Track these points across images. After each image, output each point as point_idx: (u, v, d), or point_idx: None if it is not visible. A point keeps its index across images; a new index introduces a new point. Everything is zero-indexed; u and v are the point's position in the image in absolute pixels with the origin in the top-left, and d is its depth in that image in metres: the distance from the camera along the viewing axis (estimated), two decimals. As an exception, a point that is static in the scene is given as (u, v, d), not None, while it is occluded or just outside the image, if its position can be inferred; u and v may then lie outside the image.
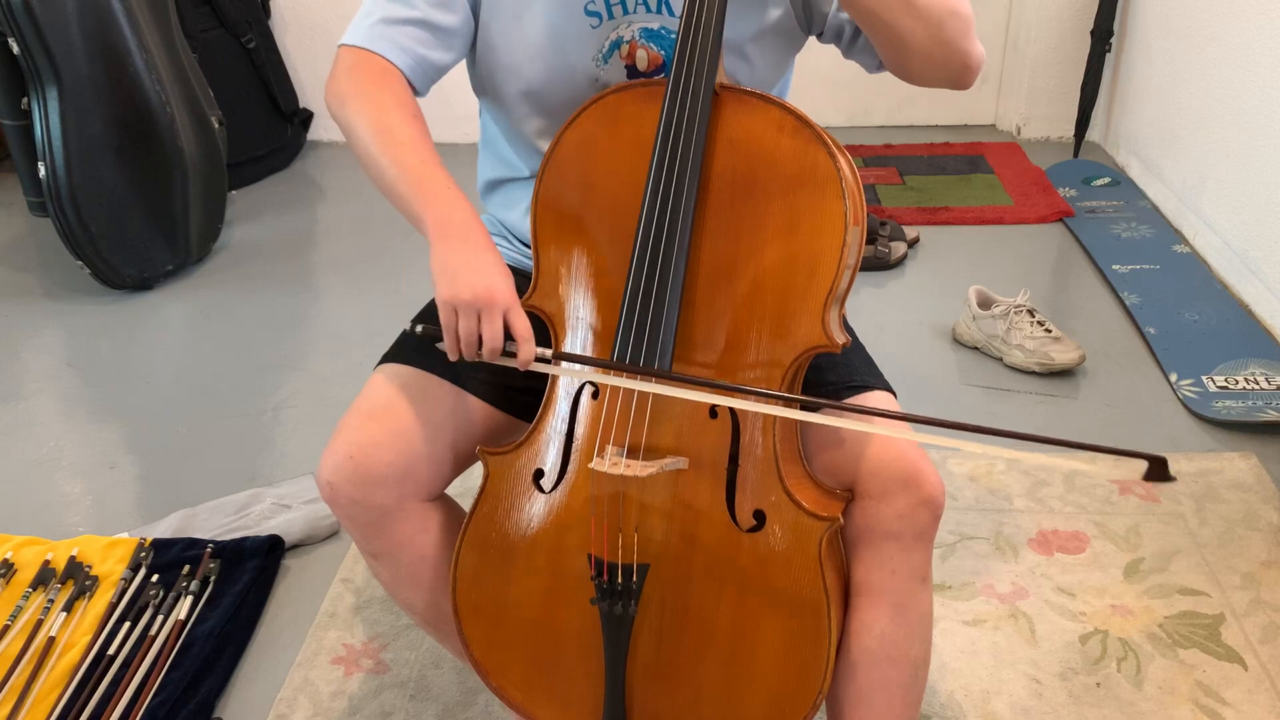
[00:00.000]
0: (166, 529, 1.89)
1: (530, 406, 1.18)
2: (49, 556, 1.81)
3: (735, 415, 1.09)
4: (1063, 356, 2.22)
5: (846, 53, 1.25)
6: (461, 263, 1.06)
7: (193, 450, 2.17)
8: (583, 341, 1.15)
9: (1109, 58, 3.22)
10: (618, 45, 1.21)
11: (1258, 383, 2.17)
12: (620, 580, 1.12)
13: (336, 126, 1.18)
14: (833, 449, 1.14)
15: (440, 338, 1.08)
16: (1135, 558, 1.77)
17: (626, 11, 1.20)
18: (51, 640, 1.65)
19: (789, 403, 1.08)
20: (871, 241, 2.72)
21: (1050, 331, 2.26)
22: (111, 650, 1.63)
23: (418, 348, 1.23)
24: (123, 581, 1.75)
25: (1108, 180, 3.13)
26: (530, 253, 1.18)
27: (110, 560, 1.80)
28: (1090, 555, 1.78)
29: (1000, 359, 2.31)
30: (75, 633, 1.68)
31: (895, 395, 1.23)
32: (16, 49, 2.50)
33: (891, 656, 1.16)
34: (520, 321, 1.07)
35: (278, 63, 3.49)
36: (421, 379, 1.21)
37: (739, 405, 1.07)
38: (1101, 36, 3.16)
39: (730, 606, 1.12)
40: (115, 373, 2.46)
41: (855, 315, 1.40)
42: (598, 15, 1.20)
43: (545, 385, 1.16)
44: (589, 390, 1.14)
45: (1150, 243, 2.76)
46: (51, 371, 2.49)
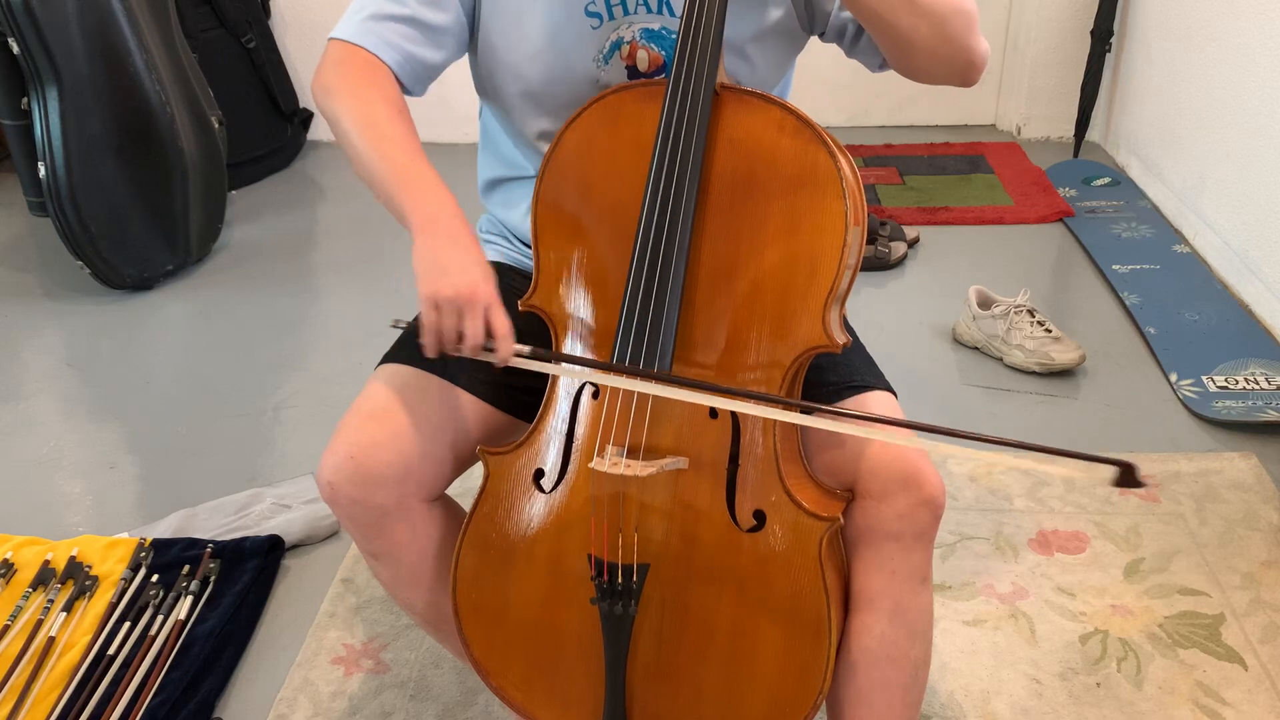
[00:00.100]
0: (166, 529, 1.89)
1: (531, 406, 1.18)
2: (49, 556, 1.81)
3: (735, 415, 1.09)
4: (1063, 356, 2.22)
5: (849, 52, 1.24)
6: (445, 259, 1.05)
7: (193, 450, 2.17)
8: (583, 341, 1.15)
9: (1109, 58, 3.22)
10: (618, 46, 1.21)
11: (1258, 383, 2.17)
12: (620, 580, 1.11)
13: (321, 115, 1.18)
14: (833, 449, 1.14)
15: (419, 333, 1.07)
16: (1135, 558, 1.77)
17: (627, 12, 1.20)
18: (51, 640, 1.65)
19: (788, 407, 1.08)
20: (871, 241, 2.72)
21: (1050, 331, 2.26)
22: (111, 650, 1.63)
23: (419, 347, 1.23)
24: (123, 581, 1.75)
25: (1108, 180, 3.13)
26: (530, 253, 1.18)
27: (110, 560, 1.80)
28: (1090, 555, 1.78)
29: (1000, 359, 2.31)
30: (75, 633, 1.68)
31: (895, 395, 1.23)
32: (16, 49, 2.50)
33: (892, 656, 1.16)
34: (500, 320, 1.05)
35: (278, 63, 3.49)
36: (422, 379, 1.21)
37: (739, 408, 1.07)
38: (1101, 36, 3.16)
39: (730, 607, 1.12)
40: (115, 373, 2.46)
41: (855, 315, 1.40)
42: (598, 16, 1.20)
43: (545, 385, 1.16)
44: (589, 390, 1.14)
45: (1150, 243, 2.76)
46: (51, 371, 2.49)
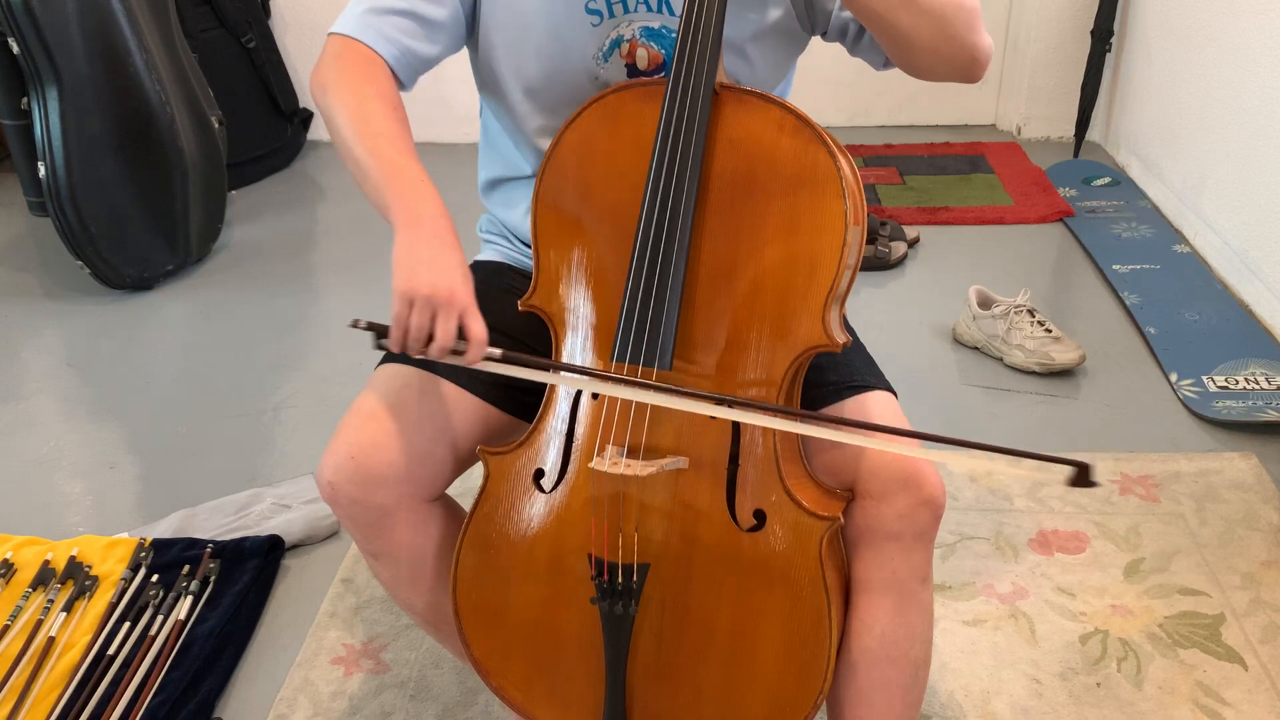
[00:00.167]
0: (166, 529, 1.89)
1: (531, 406, 1.17)
2: (49, 556, 1.81)
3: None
4: (1063, 356, 2.22)
5: (852, 50, 1.24)
6: (425, 257, 1.04)
7: (193, 450, 2.17)
8: (582, 341, 1.15)
9: (1109, 58, 3.22)
10: (618, 44, 1.21)
11: (1258, 383, 2.17)
12: (620, 580, 1.11)
13: (318, 110, 1.17)
14: (833, 449, 1.14)
15: (385, 333, 1.04)
16: (1135, 558, 1.77)
17: (627, 10, 1.20)
18: (51, 640, 1.65)
19: (789, 415, 1.08)
20: (871, 241, 2.72)
21: (1050, 331, 2.26)
22: (111, 650, 1.63)
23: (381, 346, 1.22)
24: (123, 581, 1.75)
25: (1108, 180, 3.13)
26: (530, 252, 1.18)
27: (110, 560, 1.80)
28: (1090, 555, 1.78)
29: (1000, 359, 2.31)
30: (75, 633, 1.68)
31: (896, 395, 1.23)
32: (16, 49, 2.49)
33: (892, 656, 1.16)
34: (476, 325, 1.04)
35: (278, 63, 3.48)
36: (422, 379, 1.21)
37: (735, 417, 1.06)
38: (1101, 36, 3.16)
39: (731, 606, 1.12)
40: (115, 373, 2.46)
41: (855, 315, 1.40)
42: (598, 13, 1.20)
43: (546, 385, 1.16)
44: (589, 390, 1.14)
45: (1150, 243, 2.76)
46: (51, 371, 2.49)
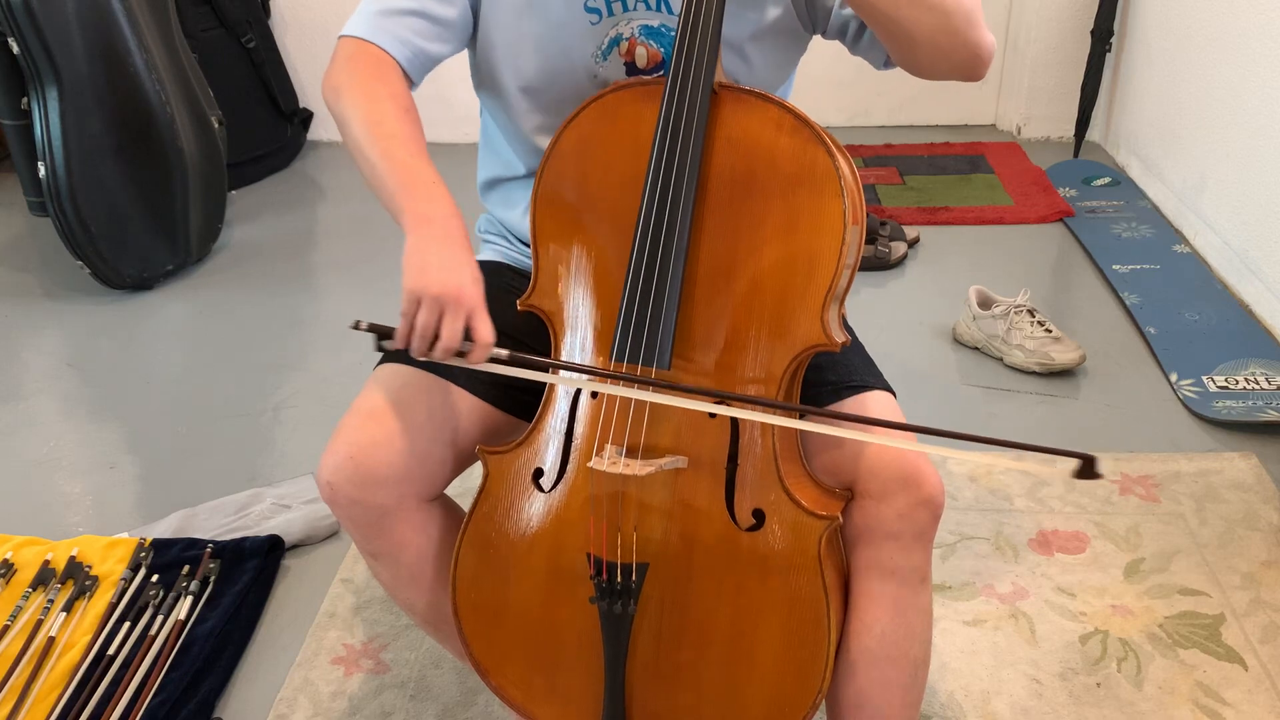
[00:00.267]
0: (166, 529, 1.89)
1: (530, 406, 1.18)
2: (49, 556, 1.81)
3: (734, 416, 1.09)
4: (1063, 356, 2.22)
5: (852, 49, 1.24)
6: (435, 256, 1.05)
7: (193, 450, 2.17)
8: (581, 340, 1.15)
9: (1109, 58, 3.22)
10: (617, 42, 1.21)
11: (1258, 383, 2.17)
12: (619, 579, 1.11)
13: (330, 113, 1.18)
14: (832, 448, 1.14)
15: (388, 334, 1.05)
16: (1135, 558, 1.77)
17: (626, 9, 1.20)
18: (51, 640, 1.65)
19: (785, 411, 1.08)
20: (871, 241, 2.71)
21: (1050, 331, 2.26)
22: (111, 650, 1.63)
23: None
24: (123, 581, 1.75)
25: (1108, 180, 3.13)
26: (529, 252, 1.18)
27: (110, 560, 1.80)
28: (1090, 555, 1.78)
29: (1000, 359, 2.30)
30: (75, 633, 1.68)
31: (895, 395, 1.23)
32: (16, 49, 2.50)
33: (891, 656, 1.16)
34: (484, 326, 1.04)
35: (278, 63, 3.48)
36: (421, 379, 1.21)
37: (736, 414, 1.07)
38: (1101, 36, 3.16)
39: (729, 605, 1.12)
40: (115, 373, 2.46)
41: (855, 315, 1.40)
42: (597, 12, 1.20)
43: (545, 385, 1.16)
44: (588, 390, 1.14)
45: (1150, 243, 2.76)
46: (51, 371, 2.49)
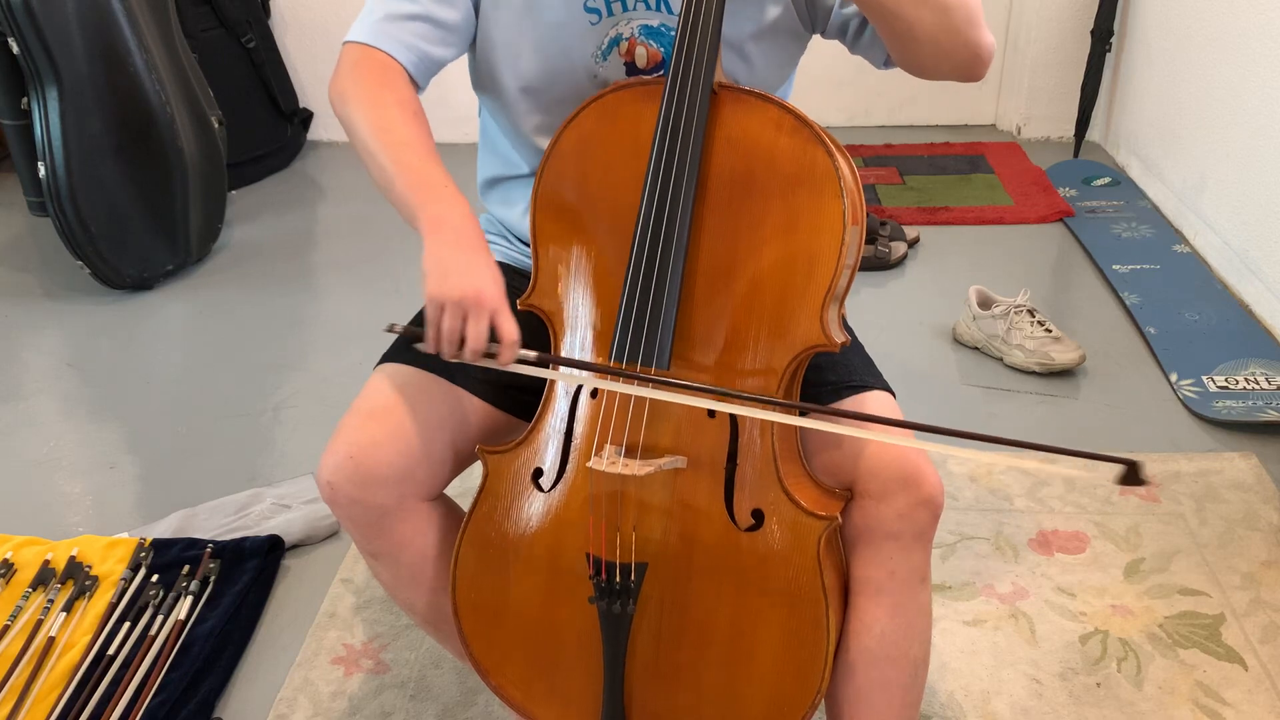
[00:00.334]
0: (166, 529, 1.89)
1: (530, 406, 1.18)
2: (49, 556, 1.81)
3: (734, 415, 1.09)
4: (1063, 356, 2.22)
5: (852, 48, 1.24)
6: (453, 261, 1.05)
7: (193, 450, 2.17)
8: (581, 340, 1.15)
9: (1109, 58, 3.22)
10: (617, 42, 1.21)
11: (1258, 383, 2.17)
12: (619, 579, 1.11)
13: (337, 126, 1.19)
14: (832, 448, 1.14)
15: (419, 338, 1.06)
16: (1135, 558, 1.77)
17: (626, 9, 1.20)
18: (51, 640, 1.65)
19: (787, 409, 1.08)
20: (871, 241, 2.71)
21: (1050, 331, 2.26)
22: (111, 650, 1.63)
23: (415, 351, 1.23)
24: (123, 581, 1.75)
25: (1108, 180, 3.13)
26: (529, 251, 1.18)
27: (110, 560, 1.80)
28: (1090, 555, 1.78)
29: (1000, 359, 2.30)
30: (75, 633, 1.68)
31: (894, 395, 1.23)
32: (16, 49, 2.50)
33: (891, 656, 1.16)
34: (508, 325, 1.05)
35: (278, 63, 3.49)
36: (421, 379, 1.21)
37: (738, 411, 1.07)
38: (1101, 36, 3.16)
39: (729, 606, 1.12)
40: (115, 373, 2.46)
41: (855, 315, 1.40)
42: (597, 12, 1.20)
43: (545, 385, 1.16)
44: (588, 390, 1.14)
45: (1150, 243, 2.76)
46: (51, 371, 2.49)
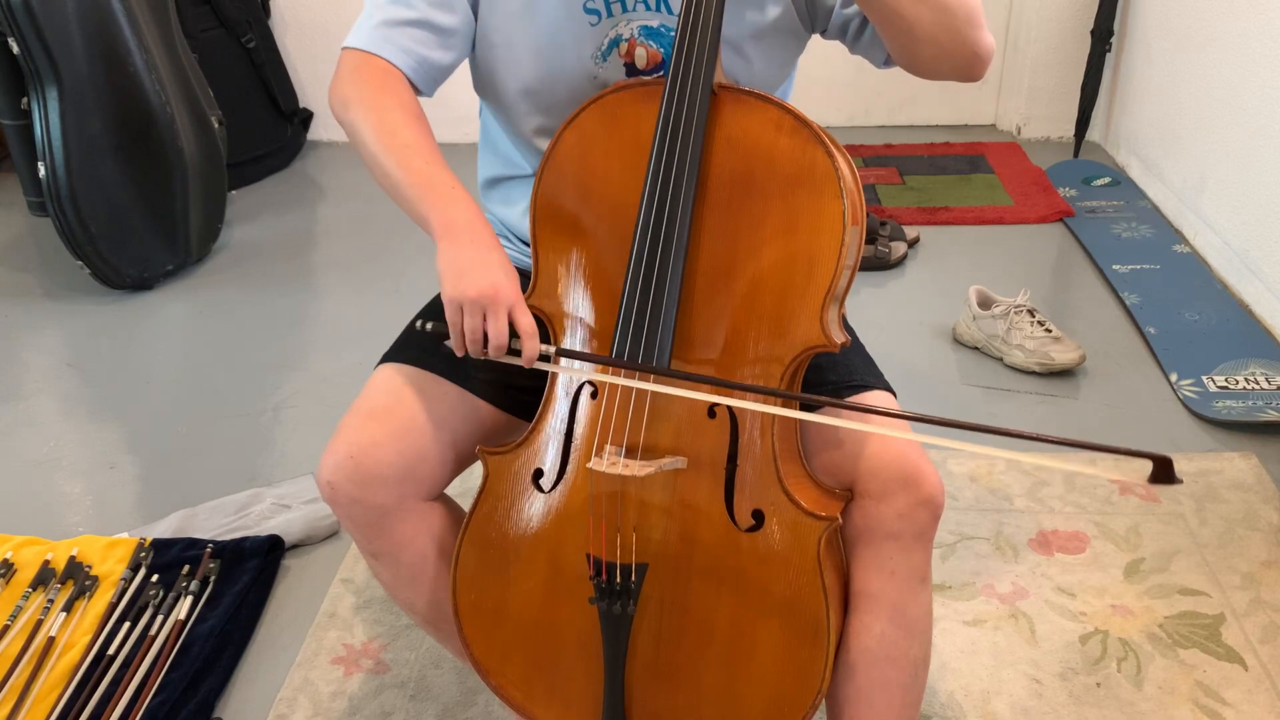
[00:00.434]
0: (166, 529, 1.89)
1: (530, 406, 1.18)
2: (49, 556, 1.81)
3: (734, 415, 1.09)
4: (1063, 356, 2.22)
5: (852, 48, 1.24)
6: (467, 261, 1.07)
7: (193, 450, 2.17)
8: (581, 340, 1.15)
9: (1109, 58, 3.22)
10: (616, 43, 1.21)
11: (1258, 383, 2.17)
12: (619, 580, 1.12)
13: (337, 126, 1.20)
14: (832, 449, 1.14)
15: (448, 335, 1.09)
16: (1135, 558, 1.77)
17: (626, 9, 1.20)
18: (51, 640, 1.65)
19: (789, 401, 1.08)
20: (871, 241, 2.72)
21: (1050, 331, 2.26)
22: (111, 650, 1.63)
23: (419, 346, 1.24)
24: (123, 581, 1.75)
25: (1108, 180, 3.13)
26: (530, 252, 1.18)
27: (110, 560, 1.81)
28: (1090, 555, 1.78)
29: (1000, 359, 2.31)
30: (75, 633, 1.68)
31: (895, 395, 1.23)
32: (16, 49, 2.50)
33: (891, 656, 1.16)
34: (525, 318, 1.07)
35: (278, 63, 3.49)
36: (422, 378, 1.21)
37: (740, 404, 1.07)
38: (1101, 36, 3.16)
39: (729, 606, 1.12)
40: (115, 373, 2.46)
41: (855, 315, 1.40)
42: (596, 13, 1.20)
43: (545, 384, 1.16)
44: (588, 390, 1.14)
45: (1150, 243, 2.76)
46: (51, 371, 2.49)
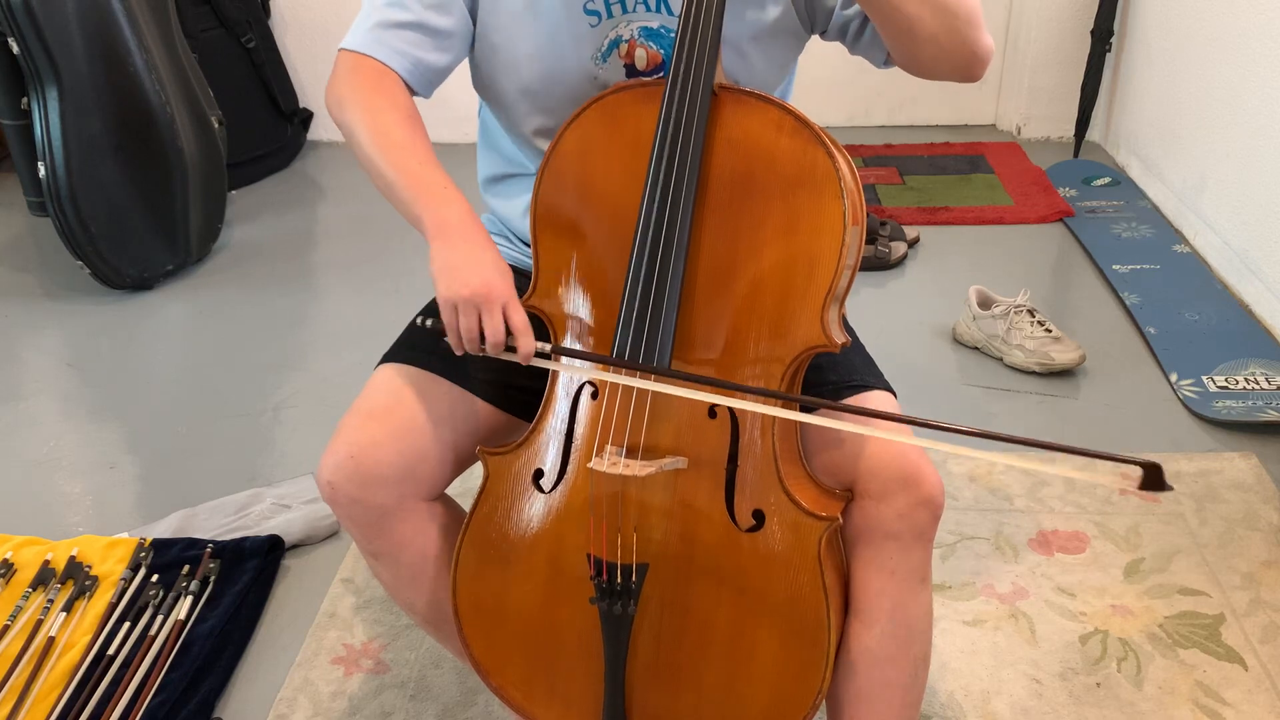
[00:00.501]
0: (166, 529, 1.89)
1: (531, 406, 1.18)
2: (49, 556, 1.81)
3: (734, 415, 1.09)
4: (1063, 356, 2.22)
5: (852, 48, 1.24)
6: (459, 260, 1.07)
7: (193, 450, 2.17)
8: (581, 341, 1.15)
9: (1109, 58, 3.22)
10: (616, 44, 1.21)
11: (1258, 383, 2.17)
12: (620, 580, 1.12)
13: (336, 126, 1.20)
14: (832, 449, 1.14)
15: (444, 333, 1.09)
16: (1135, 558, 1.77)
17: (626, 10, 1.20)
18: (51, 640, 1.65)
19: (789, 403, 1.08)
20: (871, 241, 2.72)
21: (1050, 331, 2.26)
22: (111, 650, 1.63)
23: (419, 346, 1.24)
24: (123, 581, 1.75)
25: (1108, 180, 3.13)
26: (530, 252, 1.18)
27: (110, 560, 1.81)
28: (1090, 555, 1.78)
29: (1000, 359, 2.31)
30: (75, 633, 1.68)
31: (895, 395, 1.23)
32: (16, 49, 2.50)
33: (891, 656, 1.16)
34: (518, 315, 1.08)
35: (278, 63, 3.49)
36: (422, 378, 1.21)
37: (739, 405, 1.07)
38: (1101, 36, 3.16)
39: (729, 606, 1.12)
40: (115, 373, 2.46)
41: (855, 315, 1.40)
42: (597, 14, 1.20)
43: (545, 384, 1.16)
44: (588, 390, 1.14)
45: (1150, 243, 2.76)
46: (51, 371, 2.49)
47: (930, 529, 1.13)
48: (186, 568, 1.78)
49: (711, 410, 1.09)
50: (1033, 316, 2.28)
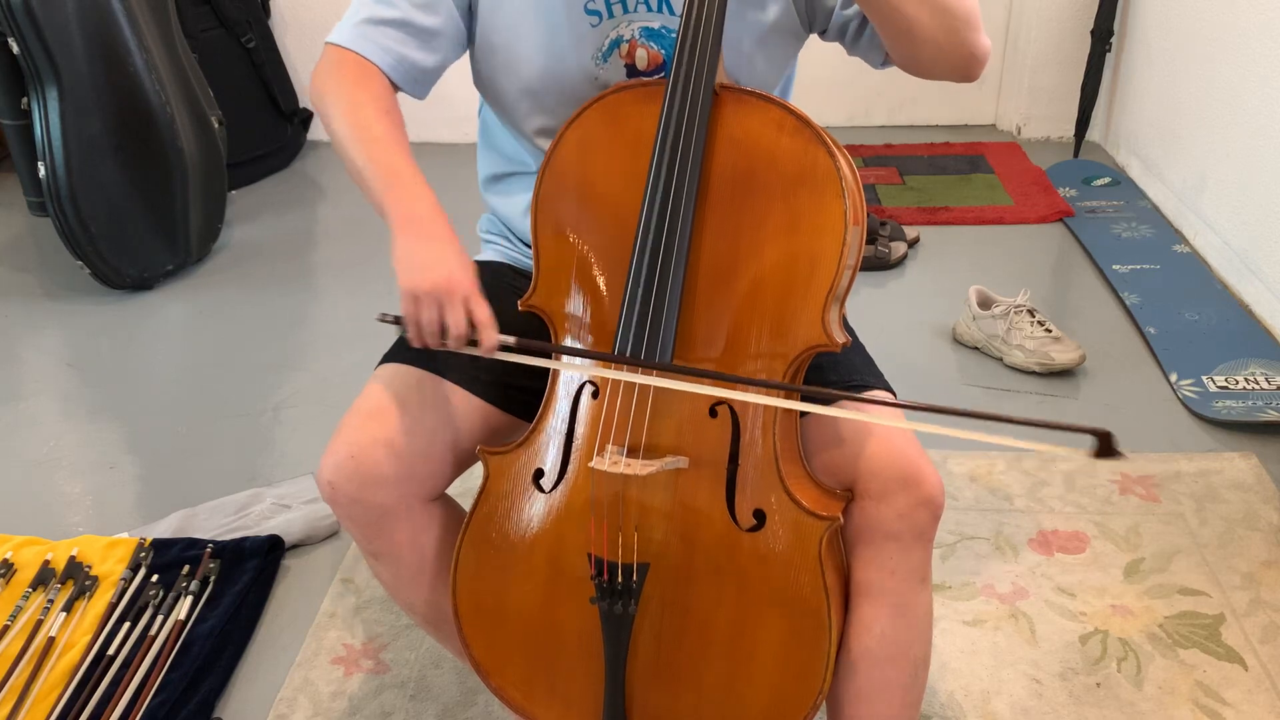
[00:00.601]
0: (166, 529, 1.89)
1: (531, 406, 1.18)
2: (49, 556, 1.81)
3: (735, 414, 1.09)
4: (1063, 356, 2.22)
5: (850, 49, 1.24)
6: (422, 253, 1.07)
7: (193, 450, 2.17)
8: (582, 341, 1.15)
9: (1109, 58, 3.22)
10: (617, 44, 1.21)
11: (1258, 383, 2.17)
12: (620, 580, 1.11)
13: (318, 117, 1.20)
14: (832, 448, 1.14)
15: (406, 328, 1.08)
16: (1135, 558, 1.77)
17: (627, 10, 1.20)
18: (51, 640, 1.65)
19: (790, 393, 1.08)
20: (871, 241, 2.72)
21: (1050, 331, 2.26)
22: (111, 650, 1.63)
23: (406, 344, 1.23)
24: (123, 581, 1.75)
25: (1108, 180, 3.13)
26: (530, 252, 1.18)
27: (110, 560, 1.80)
28: (1090, 555, 1.78)
29: (1000, 359, 2.31)
30: (75, 633, 1.68)
31: (895, 395, 1.23)
32: (16, 49, 2.50)
33: (892, 656, 1.16)
34: (480, 309, 1.07)
35: (278, 63, 3.49)
36: (422, 378, 1.21)
37: (741, 398, 1.07)
38: (1101, 36, 3.16)
39: (730, 606, 1.12)
40: (115, 373, 2.46)
41: (855, 315, 1.40)
42: (597, 14, 1.20)
43: (545, 384, 1.16)
44: (589, 389, 1.14)
45: (1150, 243, 2.76)
46: (51, 371, 2.49)
47: (930, 529, 1.13)
48: (186, 568, 1.77)
49: (712, 409, 1.09)
50: (1033, 316, 2.28)
